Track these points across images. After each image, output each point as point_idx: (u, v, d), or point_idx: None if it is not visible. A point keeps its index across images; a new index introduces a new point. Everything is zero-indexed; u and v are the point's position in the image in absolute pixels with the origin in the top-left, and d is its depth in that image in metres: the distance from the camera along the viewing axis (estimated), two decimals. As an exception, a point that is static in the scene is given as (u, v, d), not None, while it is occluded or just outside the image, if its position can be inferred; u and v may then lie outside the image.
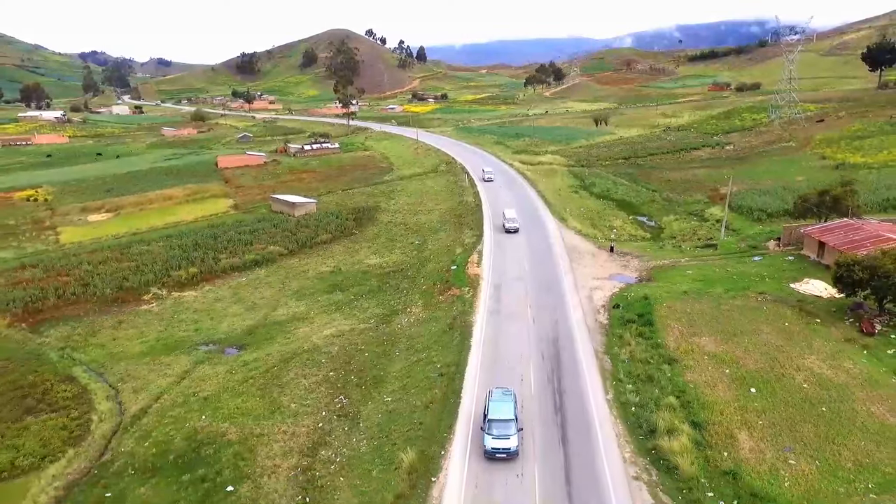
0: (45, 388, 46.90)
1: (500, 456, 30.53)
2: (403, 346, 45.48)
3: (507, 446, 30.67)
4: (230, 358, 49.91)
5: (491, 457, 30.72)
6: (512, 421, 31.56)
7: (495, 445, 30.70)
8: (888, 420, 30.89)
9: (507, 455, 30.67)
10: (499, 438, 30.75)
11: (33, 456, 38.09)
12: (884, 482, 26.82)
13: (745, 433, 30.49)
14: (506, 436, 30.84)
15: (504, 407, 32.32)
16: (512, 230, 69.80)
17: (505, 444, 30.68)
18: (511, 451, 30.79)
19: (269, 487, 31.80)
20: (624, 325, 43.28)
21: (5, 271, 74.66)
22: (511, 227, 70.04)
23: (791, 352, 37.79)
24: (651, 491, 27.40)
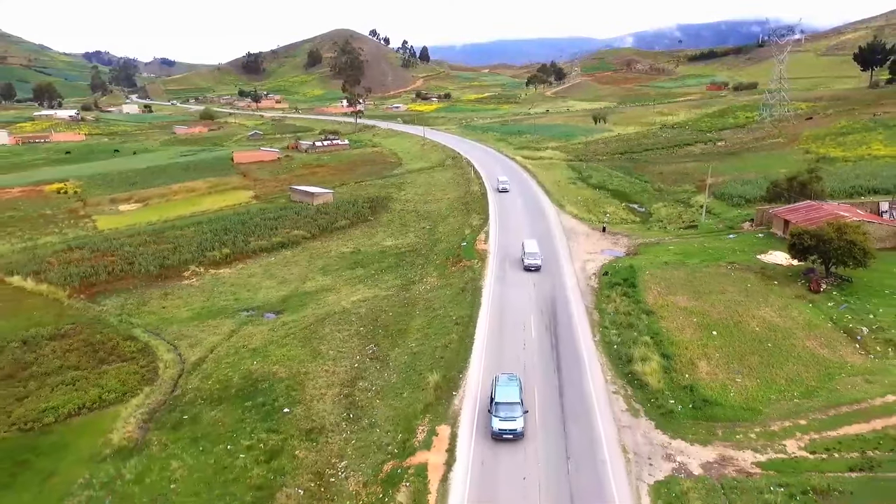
0: (113, 345, 54.41)
1: (507, 437, 31.80)
2: (422, 306, 52.99)
3: (513, 427, 31.87)
4: (270, 320, 57.39)
5: (498, 438, 31.94)
6: (517, 404, 32.76)
7: (502, 427, 31.93)
8: (818, 351, 38.33)
9: (514, 436, 31.89)
10: (505, 420, 32.00)
11: (116, 392, 45.55)
12: (806, 391, 34.29)
13: (703, 362, 37.95)
14: (512, 418, 32.07)
15: (510, 391, 33.57)
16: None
17: (511, 426, 31.90)
18: (517, 432, 31.95)
19: (318, 408, 39.29)
20: (611, 288, 50.76)
21: (55, 253, 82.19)
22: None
23: (749, 305, 45.23)
24: (626, 401, 34.89)
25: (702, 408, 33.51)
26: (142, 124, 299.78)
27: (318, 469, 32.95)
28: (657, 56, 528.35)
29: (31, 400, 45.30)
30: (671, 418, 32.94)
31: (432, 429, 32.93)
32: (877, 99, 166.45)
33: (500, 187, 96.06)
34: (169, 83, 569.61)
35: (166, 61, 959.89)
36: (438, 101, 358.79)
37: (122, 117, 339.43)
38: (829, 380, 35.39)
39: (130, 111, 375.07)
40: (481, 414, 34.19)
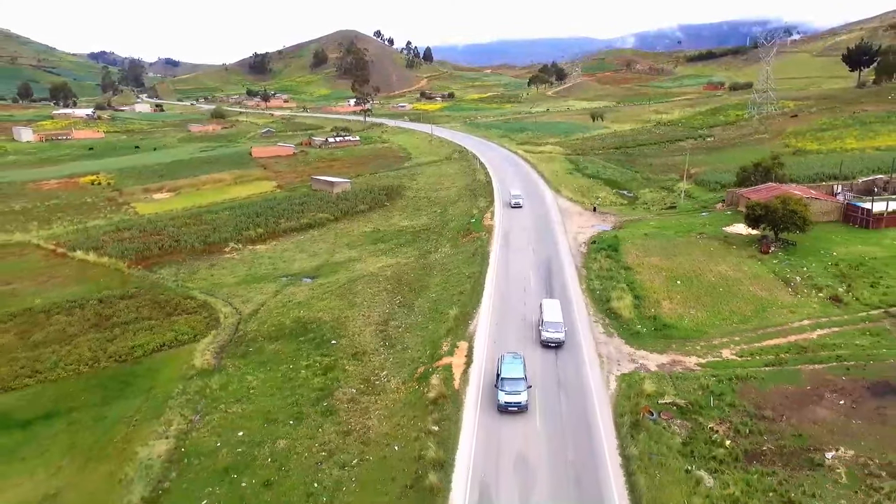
0: (177, 302, 64.30)
1: (512, 409, 34.29)
2: (439, 268, 62.90)
3: (518, 401, 34.29)
4: (308, 283, 67.29)
5: (504, 410, 34.35)
6: (522, 380, 35.21)
7: (508, 400, 34.37)
8: (758, 293, 48.18)
9: (518, 409, 34.24)
10: (511, 394, 34.44)
11: (188, 335, 55.39)
12: (743, 319, 44.25)
13: (667, 301, 47.83)
14: (516, 392, 34.54)
15: (514, 368, 35.90)
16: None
17: (516, 399, 34.33)
18: (521, 405, 34.29)
19: (359, 340, 49.18)
20: (597, 252, 60.66)
21: (106, 233, 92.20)
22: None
23: (709, 263, 55.09)
24: (604, 327, 44.81)
25: (661, 330, 43.40)
26: (155, 122, 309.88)
27: (364, 377, 42.86)
28: (657, 56, 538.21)
29: (119, 340, 55.14)
30: (637, 337, 42.84)
31: (454, 343, 42.84)
32: (858, 98, 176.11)
33: (512, 202, 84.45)
34: (178, 83, 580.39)
35: (171, 61, 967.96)
36: (442, 100, 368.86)
37: (136, 116, 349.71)
38: (763, 311, 45.25)
39: (143, 110, 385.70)
40: (491, 335, 44.15)
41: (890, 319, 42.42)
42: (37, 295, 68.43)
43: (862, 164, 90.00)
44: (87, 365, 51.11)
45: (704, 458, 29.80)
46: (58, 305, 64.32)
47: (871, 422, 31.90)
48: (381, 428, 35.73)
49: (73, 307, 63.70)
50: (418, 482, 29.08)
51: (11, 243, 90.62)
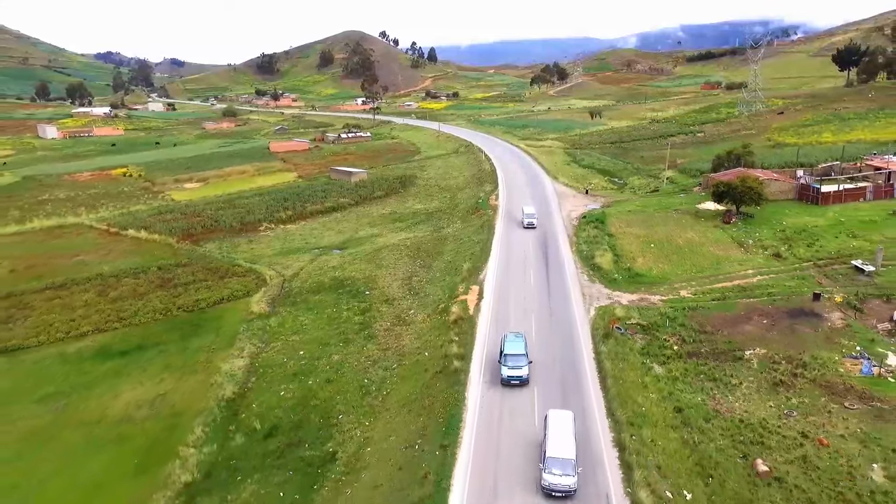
0: (227, 268, 75.01)
1: (514, 383, 36.91)
2: (451, 239, 73.55)
3: (520, 374, 36.84)
4: (337, 254, 77.92)
5: (507, 384, 36.89)
6: (523, 356, 37.72)
7: (510, 374, 36.88)
8: (716, 252, 58.76)
9: (520, 382, 36.81)
10: (513, 369, 37.02)
11: (241, 291, 65.99)
12: (700, 270, 54.89)
13: (641, 258, 58.41)
14: (518, 366, 37.06)
15: (517, 345, 38.45)
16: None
17: (517, 373, 36.87)
18: (523, 378, 36.73)
19: (388, 291, 59.80)
20: (586, 224, 71.28)
21: (151, 216, 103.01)
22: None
23: (680, 231, 65.66)
24: (588, 276, 55.40)
25: (634, 278, 53.97)
26: (170, 121, 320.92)
27: (396, 315, 53.51)
28: (657, 57, 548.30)
29: (183, 296, 65.83)
30: (615, 283, 53.41)
31: (468, 287, 53.43)
32: (842, 96, 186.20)
33: (525, 221, 72.25)
34: (188, 83, 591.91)
35: (176, 61, 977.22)
36: (447, 99, 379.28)
37: (150, 114, 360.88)
38: (717, 265, 55.80)
39: (156, 109, 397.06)
40: (498, 280, 54.81)
41: (815, 269, 52.92)
42: (103, 264, 79.21)
43: (829, 154, 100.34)
44: (161, 314, 61.84)
45: (657, 356, 40.36)
46: (124, 271, 75.13)
47: (783, 333, 42.40)
48: (412, 345, 46.41)
49: (137, 272, 74.52)
50: (445, 368, 39.70)
51: (67, 224, 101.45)
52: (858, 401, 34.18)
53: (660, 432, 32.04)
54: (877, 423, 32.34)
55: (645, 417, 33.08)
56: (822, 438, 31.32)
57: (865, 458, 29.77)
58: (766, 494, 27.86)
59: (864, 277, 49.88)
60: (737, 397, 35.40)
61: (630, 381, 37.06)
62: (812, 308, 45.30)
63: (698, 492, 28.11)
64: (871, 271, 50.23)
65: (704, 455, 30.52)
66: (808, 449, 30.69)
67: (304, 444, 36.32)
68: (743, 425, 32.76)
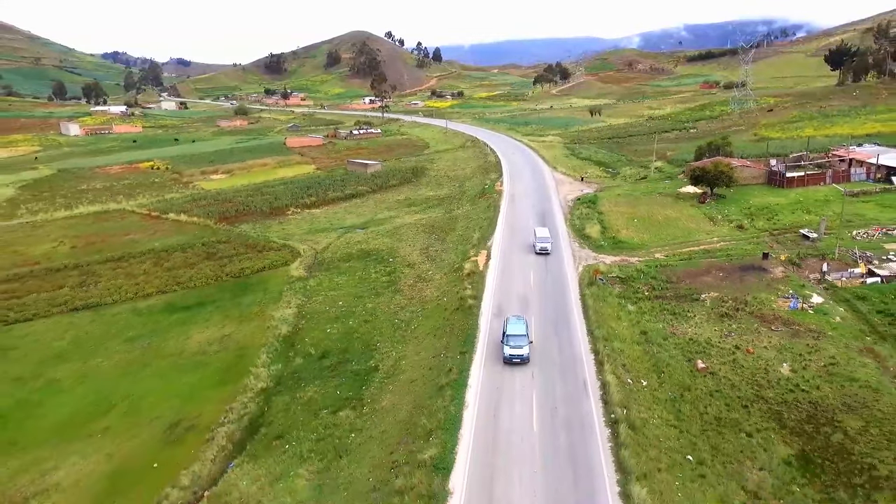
0: (263, 244, 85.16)
1: (516, 361, 39.62)
2: (462, 217, 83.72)
3: (521, 353, 39.51)
4: (360, 232, 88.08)
5: (508, 362, 39.54)
6: (524, 336, 40.37)
7: (512, 353, 39.57)
8: (689, 226, 68.79)
9: (521, 360, 39.41)
10: (515, 348, 39.67)
11: (279, 262, 76.06)
12: (674, 238, 65.07)
13: (624, 230, 68.50)
14: (520, 346, 39.72)
15: (518, 327, 41.23)
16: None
17: (519, 352, 39.56)
18: (524, 357, 39.39)
19: (410, 257, 69.90)
20: (580, 205, 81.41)
21: (186, 202, 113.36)
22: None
23: (661, 209, 75.69)
24: (579, 243, 65.56)
25: (617, 245, 64.06)
26: (184, 119, 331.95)
27: (417, 275, 63.66)
28: (658, 57, 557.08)
29: (229, 265, 75.98)
30: (600, 248, 63.50)
31: (478, 251, 63.62)
32: (829, 94, 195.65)
33: (538, 247, 62.50)
34: (198, 82, 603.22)
35: (182, 61, 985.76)
36: (452, 98, 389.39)
37: (164, 113, 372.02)
38: (689, 234, 65.87)
39: (168, 108, 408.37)
40: (503, 246, 64.92)
41: (770, 237, 62.85)
42: (152, 241, 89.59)
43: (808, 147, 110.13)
44: (213, 279, 72.01)
45: (630, 298, 50.39)
46: (173, 247, 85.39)
47: (734, 282, 52.39)
48: (433, 294, 56.60)
49: (185, 248, 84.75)
50: (461, 306, 49.88)
51: (111, 210, 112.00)
52: (783, 325, 44.14)
53: (627, 346, 42.10)
54: (792, 339, 42.29)
55: (616, 336, 43.16)
56: (749, 348, 41.31)
57: (778, 359, 39.74)
58: (702, 383, 37.88)
59: (808, 242, 59.80)
60: (690, 325, 45.39)
61: (607, 314, 47.15)
62: (761, 264, 55.26)
63: (652, 381, 38.16)
64: (815, 238, 60.14)
65: (659, 360, 40.57)
66: (738, 355, 40.68)
67: (352, 362, 46.50)
68: (691, 342, 42.77)
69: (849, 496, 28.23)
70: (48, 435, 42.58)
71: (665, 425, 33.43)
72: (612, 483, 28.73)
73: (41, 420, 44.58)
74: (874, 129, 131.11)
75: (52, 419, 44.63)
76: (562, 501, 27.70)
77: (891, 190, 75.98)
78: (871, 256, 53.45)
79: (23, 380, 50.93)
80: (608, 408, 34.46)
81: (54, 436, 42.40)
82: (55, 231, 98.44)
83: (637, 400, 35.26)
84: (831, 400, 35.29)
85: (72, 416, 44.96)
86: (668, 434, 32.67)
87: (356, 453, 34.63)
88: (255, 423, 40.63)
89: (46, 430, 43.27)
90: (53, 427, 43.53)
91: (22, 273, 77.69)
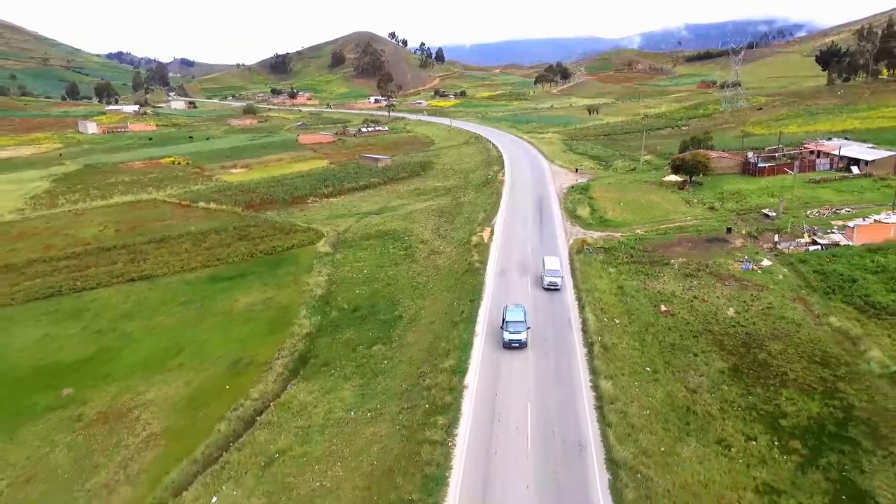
0: (290, 227, 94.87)
1: (514, 346, 42.15)
2: (468, 203, 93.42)
3: (519, 338, 42.08)
4: (376, 216, 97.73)
5: (507, 346, 42.18)
6: (522, 322, 42.98)
7: (511, 338, 42.08)
8: (668, 208, 78.34)
9: (519, 345, 41.93)
10: (513, 333, 42.25)
11: (306, 241, 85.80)
12: (654, 217, 74.49)
13: (612, 211, 78.16)
14: (518, 332, 42.34)
15: (517, 314, 43.98)
16: None
17: (517, 337, 42.09)
18: (522, 342, 41.87)
19: (422, 235, 79.48)
20: (574, 192, 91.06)
21: (212, 193, 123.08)
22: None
23: (645, 195, 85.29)
24: (571, 223, 75.28)
25: (605, 223, 73.70)
26: (194, 118, 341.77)
27: (430, 248, 73.32)
28: (657, 57, 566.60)
29: (261, 244, 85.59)
30: (589, 226, 73.15)
31: (483, 228, 73.33)
32: (816, 93, 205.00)
33: (546, 280, 54.62)
34: (205, 82, 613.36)
35: (185, 61, 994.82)
36: (455, 98, 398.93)
37: (174, 112, 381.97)
38: (667, 215, 75.45)
39: (178, 107, 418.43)
40: (504, 224, 74.57)
41: (736, 216, 72.43)
42: (188, 225, 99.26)
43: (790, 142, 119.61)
44: (248, 256, 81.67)
45: (612, 263, 60.00)
46: (207, 230, 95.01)
47: (700, 251, 61.98)
48: (445, 262, 66.29)
49: (218, 231, 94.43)
50: (470, 268, 59.63)
51: (143, 200, 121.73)
52: (735, 282, 53.74)
53: (605, 296, 51.76)
54: (740, 291, 51.87)
55: (597, 289, 52.82)
56: (705, 298, 50.90)
57: (727, 305, 49.33)
58: (663, 321, 47.47)
59: (768, 220, 69.35)
60: (659, 282, 54.99)
61: (591, 274, 56.82)
62: (724, 237, 64.84)
63: (623, 320, 47.75)
64: (773, 216, 69.68)
65: (631, 306, 50.19)
66: (695, 303, 50.27)
67: (379, 314, 56.21)
68: (658, 294, 52.37)
69: (763, 391, 37.85)
70: (133, 370, 52.35)
71: (630, 349, 43.07)
72: (586, 381, 38.49)
73: (125, 360, 54.36)
74: (851, 125, 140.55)
75: (134, 360, 54.41)
76: (548, 388, 37.45)
77: (848, 177, 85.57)
78: (815, 230, 62.97)
79: (102, 332, 60.79)
80: (586, 336, 44.19)
81: (139, 371, 52.15)
82: (97, 217, 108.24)
83: (610, 331, 44.93)
84: (763, 331, 44.89)
85: (148, 357, 54.71)
86: (632, 354, 42.32)
87: (389, 373, 44.34)
88: (304, 357, 50.35)
89: (131, 367, 53.04)
90: (136, 365, 53.29)
91: (78, 252, 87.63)
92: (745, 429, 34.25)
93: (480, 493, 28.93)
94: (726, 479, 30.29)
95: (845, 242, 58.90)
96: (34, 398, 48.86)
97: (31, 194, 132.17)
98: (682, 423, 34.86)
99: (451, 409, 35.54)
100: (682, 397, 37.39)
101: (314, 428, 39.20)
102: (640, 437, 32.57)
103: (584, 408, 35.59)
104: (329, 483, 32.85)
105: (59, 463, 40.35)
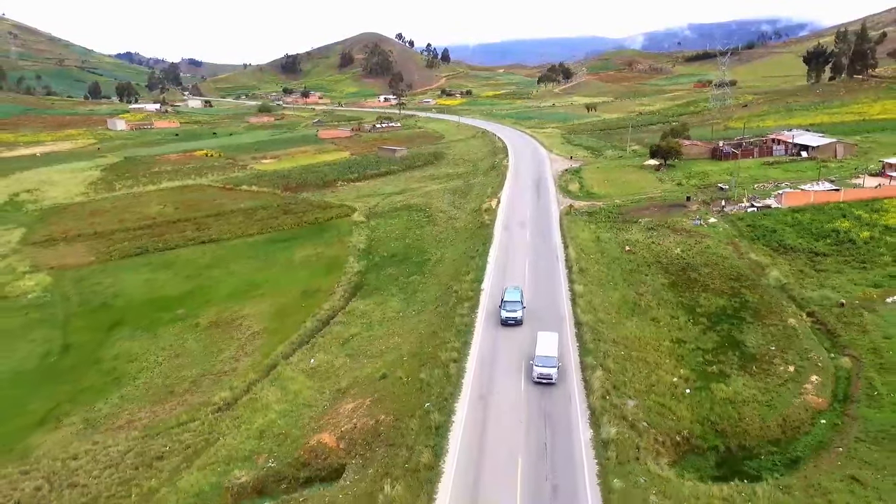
0: (325, 204, 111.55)
1: (511, 323, 47.72)
2: (477, 185, 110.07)
3: (515, 316, 47.60)
4: (399, 195, 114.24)
5: (504, 324, 47.66)
6: (518, 302, 48.43)
7: (507, 316, 47.62)
8: (643, 184, 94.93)
9: (515, 322, 47.57)
10: (510, 312, 47.83)
11: (342, 213, 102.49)
12: (631, 191, 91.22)
13: (597, 187, 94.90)
14: (514, 311, 47.88)
15: (514, 294, 49.43)
16: None
17: (513, 315, 47.57)
18: (518, 319, 47.35)
19: (440, 207, 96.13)
20: (567, 174, 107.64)
21: (251, 178, 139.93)
22: None
23: (626, 175, 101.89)
24: (563, 196, 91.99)
25: (590, 195, 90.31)
26: (212, 116, 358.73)
27: (448, 216, 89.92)
28: (657, 57, 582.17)
29: (304, 216, 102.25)
30: (578, 197, 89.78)
31: (491, 199, 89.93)
32: (797, 92, 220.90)
33: (536, 373, 40.44)
34: (218, 82, 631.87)
35: (194, 61, 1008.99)
36: (461, 97, 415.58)
37: (192, 110, 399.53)
38: (642, 189, 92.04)
39: (195, 106, 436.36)
40: (509, 197, 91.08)
41: (697, 189, 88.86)
42: (237, 203, 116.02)
43: (757, 133, 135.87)
44: (295, 225, 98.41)
45: (592, 222, 76.57)
46: (254, 208, 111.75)
47: (663, 213, 78.43)
48: (461, 225, 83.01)
49: (264, 207, 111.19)
50: (482, 225, 76.44)
51: (190, 185, 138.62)
52: (685, 233, 70.19)
53: (585, 242, 68.34)
54: (688, 239, 68.29)
55: (579, 237, 69.46)
56: (660, 242, 67.43)
57: (675, 246, 65.83)
58: (626, 256, 63.93)
59: (722, 192, 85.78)
60: (628, 234, 71.36)
61: (576, 228, 73.47)
62: (684, 203, 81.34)
63: (597, 255, 64.28)
64: (726, 189, 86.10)
65: (604, 248, 66.76)
66: (653, 247, 66.73)
67: (412, 258, 72.98)
68: (626, 241, 68.81)
69: (689, 294, 54.38)
70: (227, 299, 69.15)
71: (599, 272, 59.71)
72: (565, 286, 55.19)
73: (218, 292, 71.25)
74: (821, 120, 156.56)
75: (224, 292, 71.27)
76: (540, 288, 54.34)
77: (797, 160, 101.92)
78: (754, 197, 79.44)
79: (191, 277, 77.74)
80: (568, 263, 60.98)
81: (231, 299, 68.96)
82: (154, 198, 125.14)
83: (585, 260, 61.62)
84: (698, 262, 61.41)
85: (235, 291, 71.55)
86: (601, 274, 58.96)
87: (425, 290, 61.15)
88: (358, 286, 67.18)
89: (223, 297, 69.88)
90: (227, 296, 70.12)
91: (149, 224, 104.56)
92: (672, 313, 50.84)
93: (492, 338, 45.64)
94: (653, 335, 46.93)
95: (776, 205, 75.30)
96: (158, 315, 65.76)
97: (88, 181, 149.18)
98: (629, 310, 51.47)
99: (473, 299, 52.34)
100: (632, 298, 53.99)
101: (374, 322, 56.02)
102: (598, 314, 49.24)
103: (562, 298, 52.33)
104: (392, 345, 49.60)
105: (193, 348, 57.25)
